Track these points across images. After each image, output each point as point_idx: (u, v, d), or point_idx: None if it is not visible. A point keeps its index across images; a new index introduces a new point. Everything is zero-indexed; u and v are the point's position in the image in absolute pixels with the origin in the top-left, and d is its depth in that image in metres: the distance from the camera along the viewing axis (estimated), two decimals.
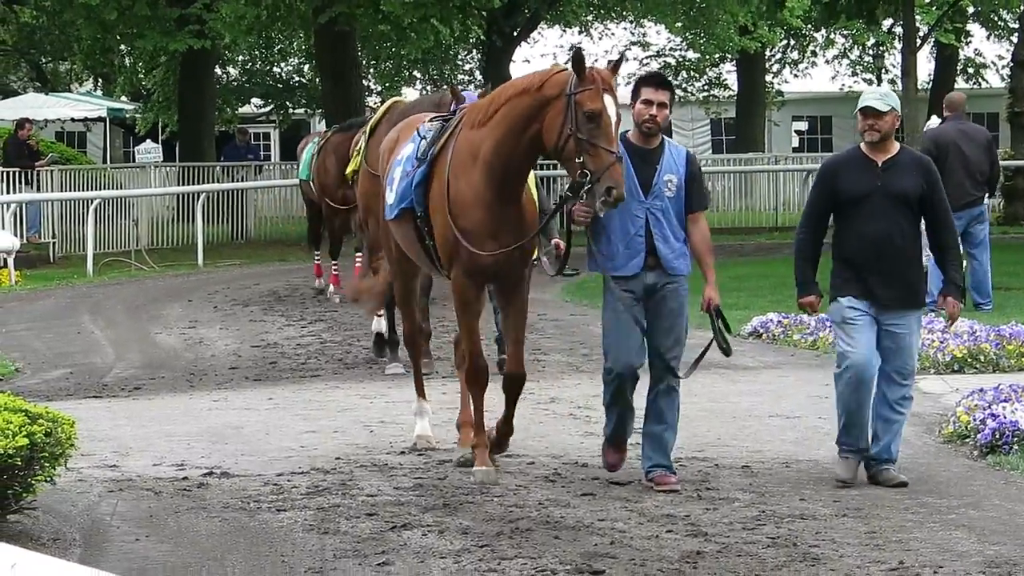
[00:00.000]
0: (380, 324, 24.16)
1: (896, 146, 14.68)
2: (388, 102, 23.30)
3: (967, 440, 17.49)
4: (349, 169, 24.57)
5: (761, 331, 26.65)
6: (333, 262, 34.08)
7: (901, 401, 14.41)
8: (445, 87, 22.16)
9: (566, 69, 14.10)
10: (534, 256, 15.94)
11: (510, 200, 14.79)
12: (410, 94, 64.23)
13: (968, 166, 26.79)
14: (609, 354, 14.43)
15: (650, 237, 14.25)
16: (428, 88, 66.14)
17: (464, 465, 15.98)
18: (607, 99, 13.70)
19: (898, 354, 14.33)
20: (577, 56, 13.63)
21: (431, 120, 15.98)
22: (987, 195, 27.31)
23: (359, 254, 29.61)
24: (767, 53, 64.75)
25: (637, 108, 14.60)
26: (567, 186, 14.40)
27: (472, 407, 15.59)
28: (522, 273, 15.22)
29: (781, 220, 51.44)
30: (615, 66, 14.38)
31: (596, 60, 20.31)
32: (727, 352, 14.99)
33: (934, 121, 31.64)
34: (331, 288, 34.01)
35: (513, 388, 15.35)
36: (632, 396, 14.84)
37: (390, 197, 15.62)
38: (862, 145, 14.72)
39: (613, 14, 61.44)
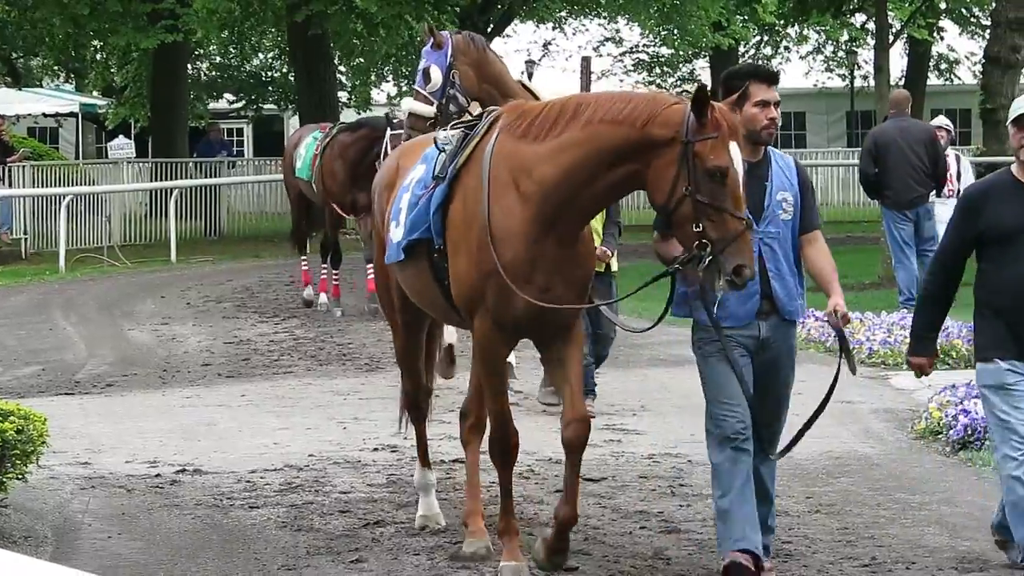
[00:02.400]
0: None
1: None
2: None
3: (939, 436, 17.55)
4: None
5: None
6: (334, 271, 31.04)
7: None
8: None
9: (680, 101, 10.67)
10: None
11: (565, 240, 11.19)
12: (384, 90, 64.76)
13: (910, 163, 26.51)
14: (714, 415, 11.17)
15: (764, 275, 11.05)
16: (401, 84, 65.75)
17: (469, 559, 12.72)
18: (734, 151, 10.48)
19: None
20: (700, 94, 10.36)
21: (449, 128, 12.36)
22: (934, 192, 27.03)
23: (370, 266, 27.02)
24: (740, 49, 64.78)
25: (750, 112, 11.42)
26: (677, 256, 10.87)
27: (482, 488, 12.48)
28: (573, 321, 11.65)
29: None
30: (739, 100, 10.89)
31: (570, 57, 19.53)
32: (854, 370, 11.54)
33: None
34: (324, 298, 31.05)
35: (577, 444, 11.64)
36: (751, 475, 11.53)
37: (396, 234, 12.03)
38: (1014, 168, 11.57)
39: (587, 10, 61.47)
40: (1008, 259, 11.39)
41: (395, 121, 28.30)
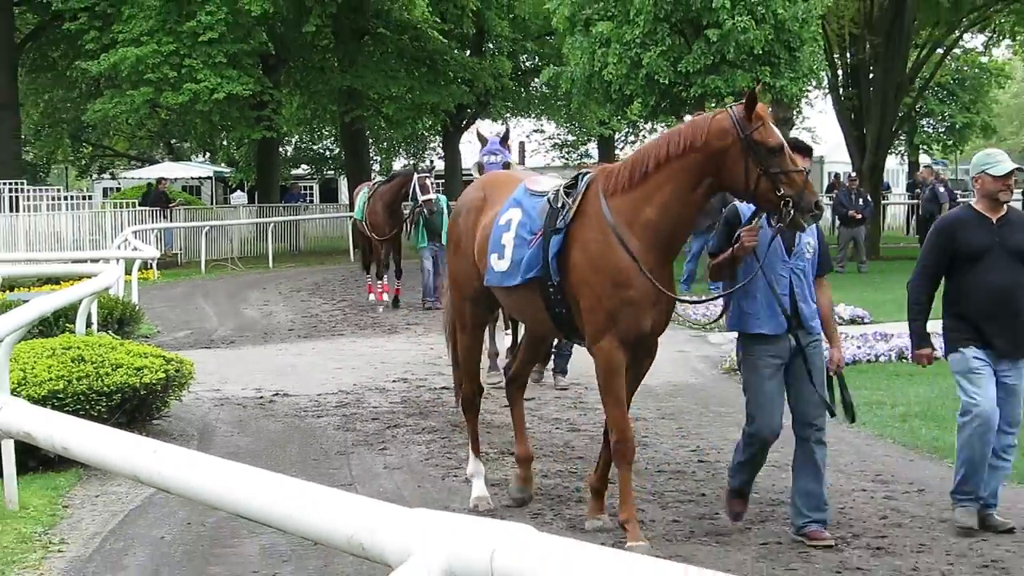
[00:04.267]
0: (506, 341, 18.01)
1: (1005, 206, 10.57)
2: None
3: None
4: None
5: None
6: (380, 281, 29.56)
7: (1008, 449, 10.42)
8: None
9: (718, 113, 9.83)
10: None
11: (669, 260, 10.07)
12: (400, 161, 67.76)
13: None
14: (756, 419, 9.85)
15: (793, 297, 9.88)
16: (409, 161, 69.32)
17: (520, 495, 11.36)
18: (777, 129, 9.64)
19: (1008, 403, 10.36)
20: (752, 96, 9.51)
21: (531, 185, 10.78)
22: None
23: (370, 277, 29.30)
24: (616, 136, 66.23)
25: None
26: (775, 218, 9.55)
27: (623, 488, 9.90)
28: (661, 332, 10.32)
29: None
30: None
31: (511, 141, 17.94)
32: (853, 418, 10.37)
33: None
34: (375, 298, 29.78)
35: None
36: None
37: (500, 264, 10.50)
38: (974, 203, 10.62)
39: (523, 113, 64.39)
40: (977, 272, 10.27)
41: (420, 166, 30.36)
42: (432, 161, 39.94)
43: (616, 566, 3.11)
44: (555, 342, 16.39)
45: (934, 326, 10.55)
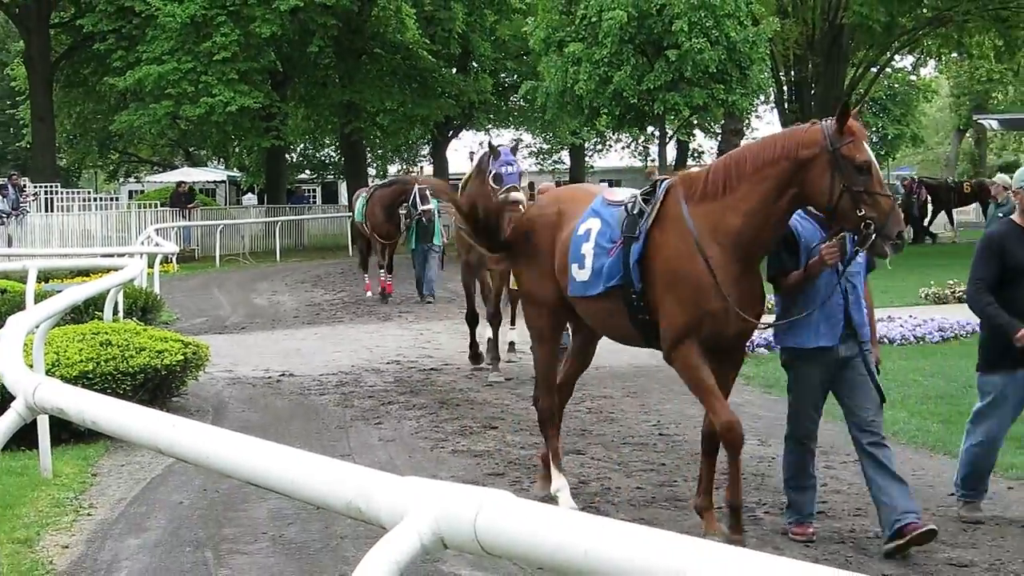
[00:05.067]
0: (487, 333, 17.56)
1: None
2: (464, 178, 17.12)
3: None
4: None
5: None
6: (385, 275, 28.30)
7: None
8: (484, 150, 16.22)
9: (812, 123, 8.67)
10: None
11: (755, 269, 8.85)
12: (393, 168, 68.10)
13: None
14: (793, 423, 9.01)
15: (847, 306, 8.83)
16: (402, 167, 69.87)
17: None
18: (868, 148, 8.52)
19: None
20: (843, 109, 8.42)
21: (608, 196, 9.73)
22: None
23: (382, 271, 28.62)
24: (586, 144, 66.48)
25: None
26: (853, 238, 8.45)
27: (710, 475, 9.17)
28: (747, 339, 9.42)
29: None
30: (857, 111, 8.78)
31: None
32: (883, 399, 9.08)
33: None
34: (368, 294, 29.31)
35: (716, 448, 9.13)
36: (814, 469, 9.28)
37: (581, 275, 9.38)
38: (1015, 218, 9.56)
39: (503, 125, 64.64)
40: (1018, 287, 9.29)
41: (420, 177, 29.39)
42: (422, 167, 40.15)
43: (586, 527, 3.11)
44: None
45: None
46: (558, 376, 10.48)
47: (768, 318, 9.21)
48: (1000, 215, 21.72)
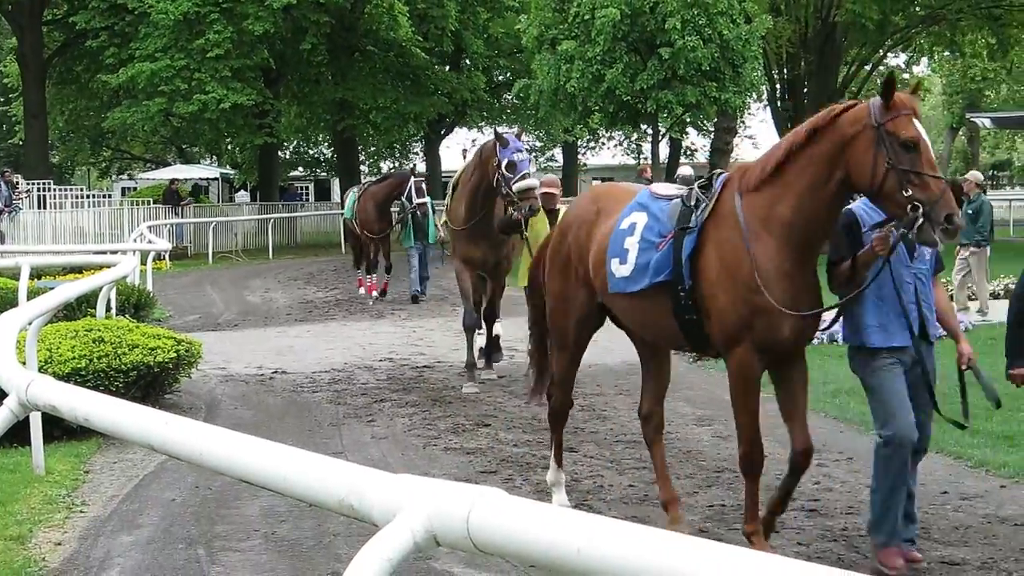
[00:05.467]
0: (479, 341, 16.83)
1: None
2: (458, 173, 16.63)
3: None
4: (443, 220, 18.20)
5: None
6: (370, 276, 28.35)
7: None
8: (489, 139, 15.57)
9: (857, 101, 7.94)
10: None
11: (810, 263, 8.08)
12: (385, 165, 68.22)
13: None
14: (890, 422, 7.96)
15: (918, 303, 8.18)
16: (394, 163, 70.01)
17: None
18: (919, 125, 7.75)
19: None
20: (889, 81, 7.75)
21: (657, 190, 9.06)
22: None
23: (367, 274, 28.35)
24: (579, 142, 66.51)
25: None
26: (899, 222, 7.72)
27: (749, 499, 8.30)
28: (808, 341, 8.46)
29: None
30: (915, 89, 8.24)
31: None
32: (998, 403, 8.49)
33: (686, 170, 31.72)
34: (364, 291, 28.61)
35: (802, 464, 8.25)
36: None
37: (622, 270, 8.72)
38: None
39: (496, 122, 64.79)
40: None
41: (417, 170, 28.80)
42: (415, 164, 40.36)
43: (578, 525, 3.11)
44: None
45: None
46: (643, 409, 9.76)
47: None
48: (969, 212, 21.78)
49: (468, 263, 16.27)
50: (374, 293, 28.12)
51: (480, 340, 16.78)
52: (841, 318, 8.42)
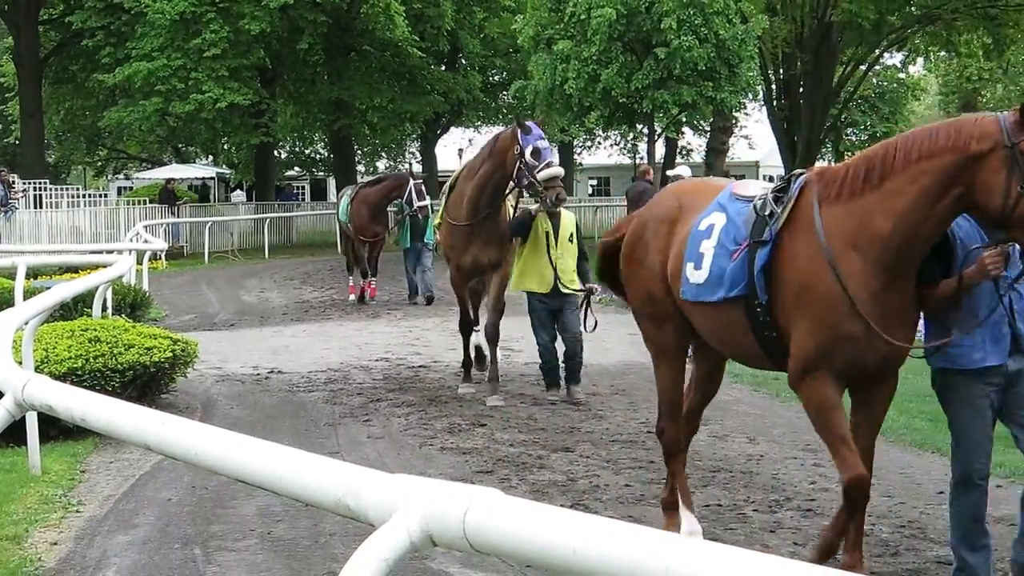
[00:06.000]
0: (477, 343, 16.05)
1: None
2: (463, 163, 15.94)
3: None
4: (435, 222, 16.93)
5: None
6: (367, 279, 27.26)
7: None
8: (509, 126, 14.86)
9: (987, 115, 7.07)
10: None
11: (906, 285, 7.22)
12: (382, 164, 68.19)
13: (636, 205, 24.58)
14: (958, 461, 7.47)
15: (1012, 317, 7.35)
16: (390, 162, 70.13)
17: None
18: None
19: None
20: None
21: (738, 189, 8.19)
22: None
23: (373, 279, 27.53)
24: (575, 142, 66.55)
25: None
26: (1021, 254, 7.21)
27: (853, 532, 7.49)
28: (898, 367, 7.57)
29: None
30: None
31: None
32: None
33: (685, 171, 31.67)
34: (355, 298, 27.44)
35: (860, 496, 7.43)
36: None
37: (696, 276, 7.94)
38: None
39: (492, 122, 64.65)
40: None
41: (415, 172, 28.02)
42: (411, 165, 40.33)
43: (574, 525, 3.11)
44: (564, 348, 14.70)
45: None
46: (683, 410, 8.96)
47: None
48: None
49: (463, 270, 15.27)
50: (354, 295, 27.49)
51: (474, 338, 16.03)
52: (926, 332, 7.65)
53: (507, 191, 14.93)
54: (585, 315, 13.94)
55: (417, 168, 25.55)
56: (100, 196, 51.64)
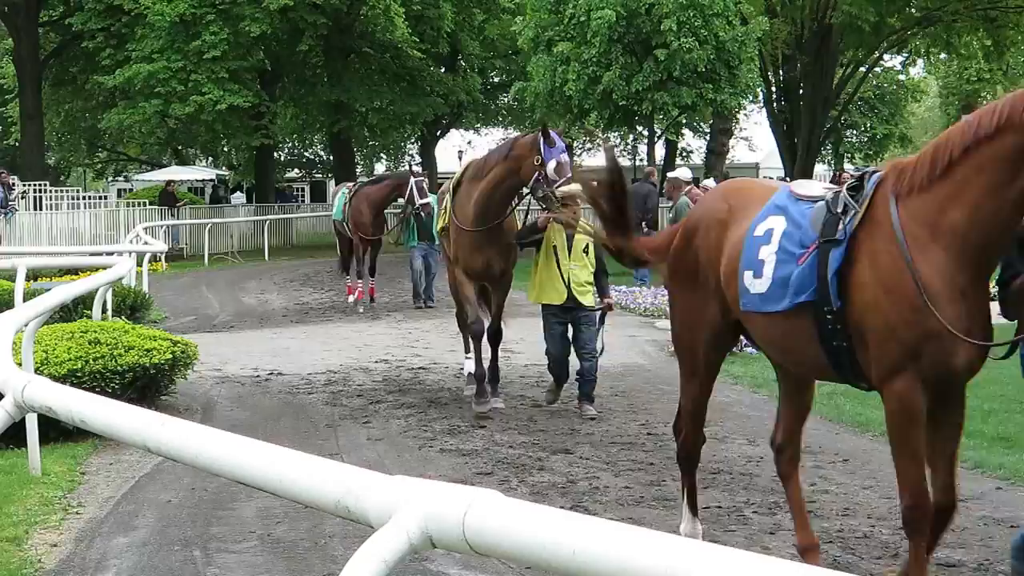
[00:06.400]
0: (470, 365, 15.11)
1: None
2: (464, 164, 15.21)
3: None
4: (439, 225, 15.52)
5: None
6: (371, 279, 26.84)
7: None
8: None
9: None
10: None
11: (984, 281, 6.78)
12: (381, 165, 68.31)
13: (637, 206, 24.24)
14: None
15: None
16: (390, 163, 70.31)
17: None
18: None
19: None
20: None
21: (798, 189, 7.65)
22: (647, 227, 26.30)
23: (369, 279, 26.90)
24: (575, 144, 66.63)
25: None
26: None
27: (914, 564, 6.94)
28: (975, 373, 6.98)
29: None
30: None
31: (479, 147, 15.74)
32: None
33: (710, 182, 31.79)
34: (354, 299, 26.84)
35: (942, 523, 7.09)
36: None
37: (756, 285, 7.38)
38: None
39: (491, 123, 64.73)
40: None
41: (416, 170, 26.84)
42: (411, 166, 40.38)
43: (574, 527, 3.12)
44: (579, 365, 14.10)
45: None
46: (778, 438, 8.40)
47: None
48: None
49: (469, 273, 14.46)
50: (363, 298, 26.80)
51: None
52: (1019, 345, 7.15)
53: (517, 200, 14.37)
54: (598, 332, 13.90)
55: (416, 169, 25.24)
56: (100, 198, 51.65)
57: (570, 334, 14.29)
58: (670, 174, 27.30)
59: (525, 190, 13.95)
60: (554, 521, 3.19)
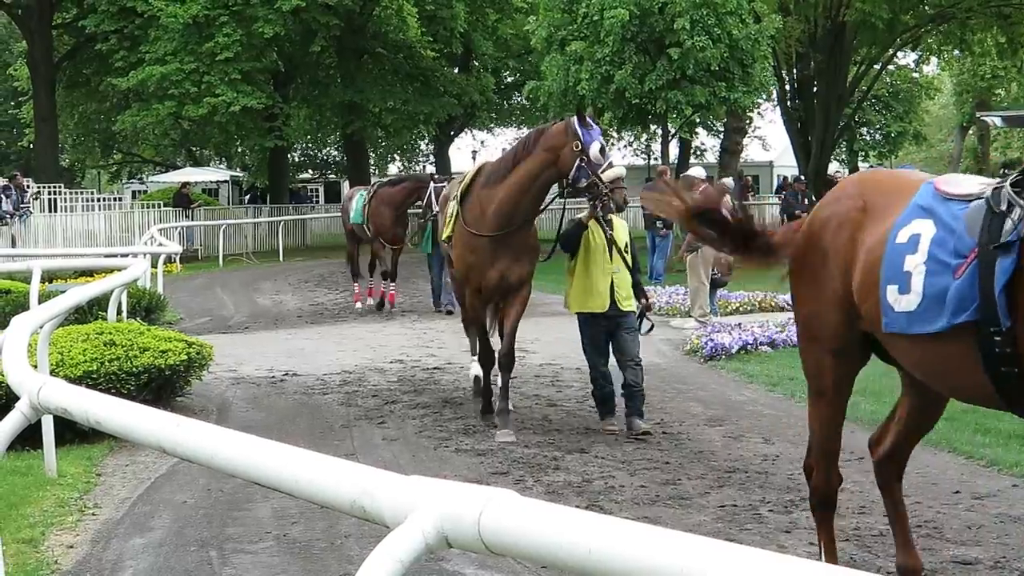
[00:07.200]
0: (476, 369, 14.61)
1: None
2: (477, 165, 13.90)
3: (697, 353, 17.85)
4: (444, 235, 13.81)
5: None
6: (392, 285, 26.19)
7: None
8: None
9: None
10: None
11: None
12: (394, 166, 68.34)
13: None
14: None
15: None
16: (405, 164, 70.49)
17: None
18: None
19: None
20: None
21: (944, 186, 6.36)
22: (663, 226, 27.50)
23: (383, 282, 26.33)
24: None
25: None
26: None
27: None
28: None
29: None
30: None
31: (493, 148, 15.86)
32: None
33: (728, 181, 31.82)
34: (370, 301, 26.50)
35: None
36: None
37: (904, 302, 6.20)
38: None
39: (505, 123, 64.73)
40: None
41: (435, 176, 26.50)
42: (425, 166, 40.30)
43: (590, 526, 3.11)
44: (623, 377, 13.10)
45: None
46: (885, 444, 7.57)
47: None
48: None
49: (485, 291, 13.31)
50: (370, 302, 26.50)
51: (474, 368, 14.88)
52: None
53: (552, 195, 13.40)
54: (640, 322, 13.13)
55: (430, 170, 25.19)
56: (115, 200, 51.81)
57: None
58: (684, 173, 27.32)
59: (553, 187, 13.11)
60: (570, 520, 3.19)
